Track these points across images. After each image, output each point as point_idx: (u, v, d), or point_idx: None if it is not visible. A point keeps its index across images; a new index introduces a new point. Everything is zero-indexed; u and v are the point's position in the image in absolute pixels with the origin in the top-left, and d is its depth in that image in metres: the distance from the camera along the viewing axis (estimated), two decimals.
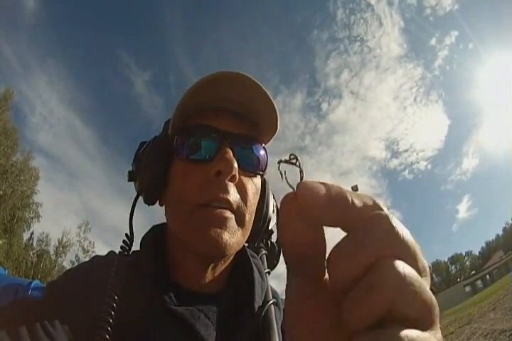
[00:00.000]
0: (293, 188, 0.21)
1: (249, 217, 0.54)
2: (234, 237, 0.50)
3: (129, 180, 0.59)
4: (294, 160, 0.23)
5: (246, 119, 0.55)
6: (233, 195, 0.50)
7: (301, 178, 0.22)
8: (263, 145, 0.57)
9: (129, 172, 0.59)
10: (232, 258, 0.57)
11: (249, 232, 0.56)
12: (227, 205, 0.50)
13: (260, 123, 0.55)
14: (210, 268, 0.53)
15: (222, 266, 0.55)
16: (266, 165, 0.57)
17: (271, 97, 0.52)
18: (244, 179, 0.53)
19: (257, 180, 0.57)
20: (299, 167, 0.22)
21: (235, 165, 0.50)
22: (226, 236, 0.49)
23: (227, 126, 0.53)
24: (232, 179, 0.50)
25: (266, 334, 0.49)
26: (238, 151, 0.52)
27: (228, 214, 0.50)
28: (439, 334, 0.20)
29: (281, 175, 0.22)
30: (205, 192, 0.49)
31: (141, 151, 0.59)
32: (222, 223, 0.49)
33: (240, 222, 0.52)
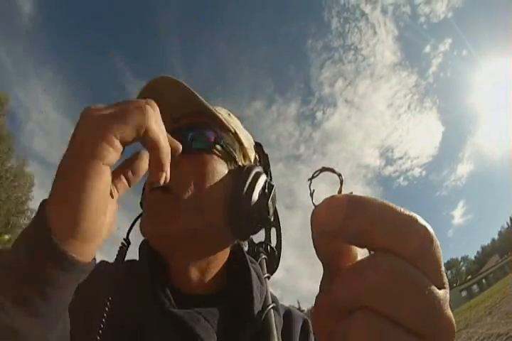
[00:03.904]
0: (315, 205, 0.21)
1: (190, 196, 0.50)
2: (168, 221, 0.49)
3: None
4: (337, 175, 0.22)
5: (180, 114, 0.56)
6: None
7: (340, 191, 0.22)
8: (213, 129, 0.55)
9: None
10: (225, 258, 0.57)
11: (198, 213, 0.51)
12: (159, 184, 0.45)
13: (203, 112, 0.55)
14: (193, 267, 0.53)
15: (209, 264, 0.55)
16: (208, 140, 0.54)
17: (184, 84, 0.52)
18: (186, 157, 0.49)
19: (199, 158, 0.53)
20: (340, 177, 0.22)
21: None
22: (161, 224, 0.49)
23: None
24: None
25: (265, 338, 0.49)
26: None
27: (159, 194, 0.49)
28: None
29: (310, 191, 0.22)
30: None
31: None
32: (155, 210, 0.50)
33: (175, 200, 0.49)
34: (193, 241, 0.51)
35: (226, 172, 0.55)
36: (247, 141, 0.61)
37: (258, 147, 0.65)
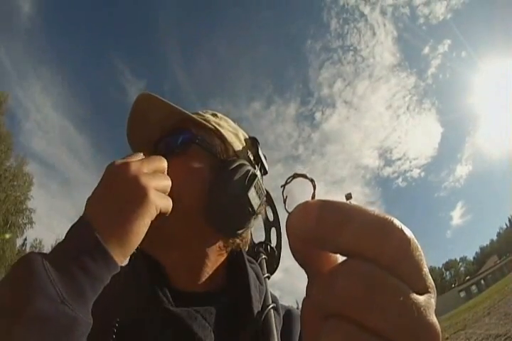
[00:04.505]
0: (288, 212, 0.21)
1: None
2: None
3: None
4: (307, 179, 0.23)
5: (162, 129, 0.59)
6: None
7: (313, 196, 0.22)
8: (189, 130, 0.58)
9: None
10: (219, 257, 0.56)
11: (175, 211, 0.49)
12: None
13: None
14: (183, 266, 0.54)
15: (201, 263, 0.55)
16: (182, 142, 0.56)
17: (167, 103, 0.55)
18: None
19: (175, 161, 0.52)
20: (312, 183, 0.22)
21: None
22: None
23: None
24: None
25: (265, 338, 0.49)
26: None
27: None
28: None
29: (283, 198, 0.24)
30: None
31: None
32: None
33: None
34: (172, 240, 0.53)
35: (205, 168, 0.55)
36: (234, 135, 0.61)
37: (251, 140, 0.64)
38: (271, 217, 0.72)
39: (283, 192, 0.24)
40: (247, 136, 0.65)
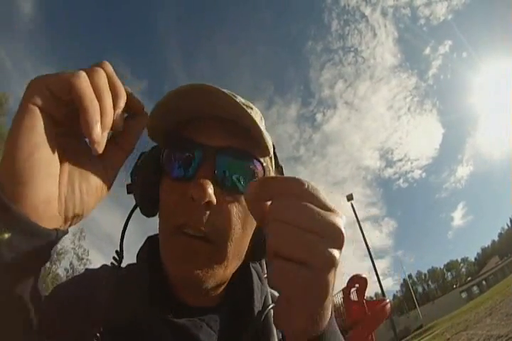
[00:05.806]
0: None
1: (233, 245, 0.48)
2: (208, 272, 0.46)
3: (128, 193, 0.57)
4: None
5: (235, 131, 0.50)
6: (209, 222, 0.46)
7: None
8: (258, 159, 0.51)
9: (127, 185, 0.57)
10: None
11: (238, 259, 0.51)
12: (200, 233, 0.46)
13: (251, 135, 0.49)
14: (207, 292, 0.51)
15: (220, 286, 0.53)
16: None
17: (249, 112, 0.47)
18: (229, 200, 0.48)
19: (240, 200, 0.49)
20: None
21: (209, 190, 0.44)
22: (196, 272, 0.45)
23: (213, 140, 0.49)
24: (208, 204, 0.45)
25: (265, 338, 0.50)
26: (223, 168, 0.47)
27: (199, 245, 0.46)
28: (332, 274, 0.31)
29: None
30: (181, 214, 0.46)
31: (138, 164, 0.55)
32: (192, 258, 0.46)
33: (218, 252, 0.47)
34: (215, 283, 0.49)
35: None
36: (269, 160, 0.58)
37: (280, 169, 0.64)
38: None
39: None
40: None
